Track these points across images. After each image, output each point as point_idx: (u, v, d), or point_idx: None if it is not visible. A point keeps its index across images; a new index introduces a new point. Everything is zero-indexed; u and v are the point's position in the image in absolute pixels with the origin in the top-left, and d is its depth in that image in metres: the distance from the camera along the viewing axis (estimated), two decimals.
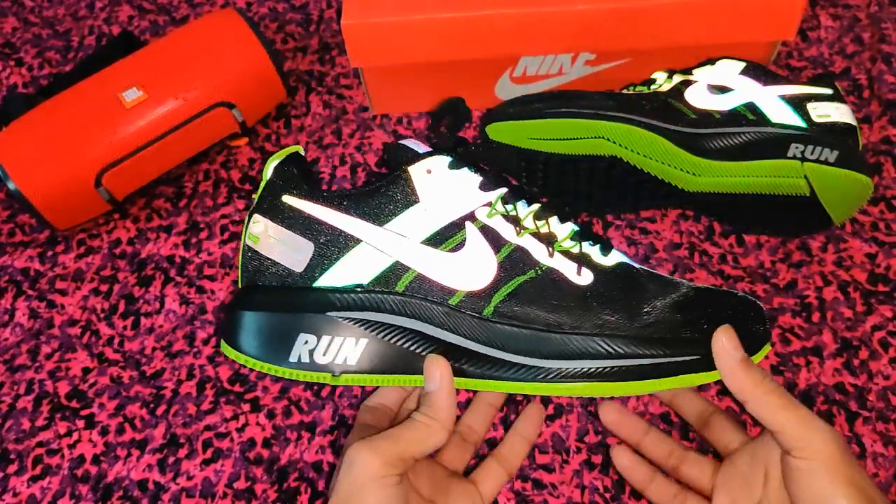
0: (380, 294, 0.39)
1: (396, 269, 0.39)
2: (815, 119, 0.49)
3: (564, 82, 0.61)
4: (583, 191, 0.54)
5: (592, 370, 0.38)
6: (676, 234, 0.55)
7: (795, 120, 0.49)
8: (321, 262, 0.39)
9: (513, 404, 0.48)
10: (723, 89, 0.51)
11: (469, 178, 0.42)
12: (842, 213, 0.51)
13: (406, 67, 0.59)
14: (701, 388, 0.47)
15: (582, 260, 0.41)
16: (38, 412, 0.51)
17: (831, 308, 0.51)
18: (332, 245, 0.40)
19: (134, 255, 0.57)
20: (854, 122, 0.49)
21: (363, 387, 0.50)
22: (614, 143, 0.50)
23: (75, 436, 0.50)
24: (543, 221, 0.42)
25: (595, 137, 0.50)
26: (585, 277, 0.40)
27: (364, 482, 0.35)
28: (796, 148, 0.48)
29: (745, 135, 0.49)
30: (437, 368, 0.38)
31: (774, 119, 0.49)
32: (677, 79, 0.52)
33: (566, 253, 0.41)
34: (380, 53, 0.57)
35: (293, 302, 0.40)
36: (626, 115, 0.49)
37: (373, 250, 0.39)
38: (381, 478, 0.35)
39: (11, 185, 0.52)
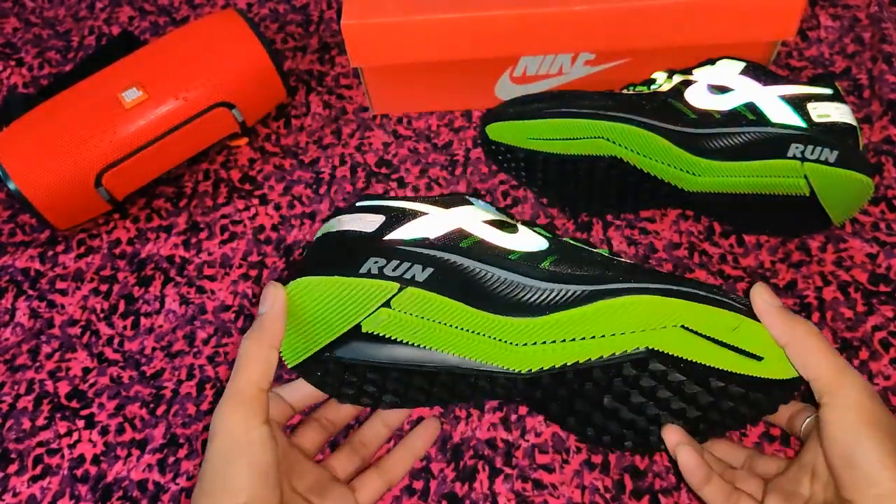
0: (445, 244, 0.41)
1: (461, 232, 0.41)
2: (816, 119, 0.48)
3: (564, 82, 0.61)
4: (583, 191, 0.54)
5: (652, 287, 0.38)
6: (676, 234, 0.55)
7: (795, 120, 0.49)
8: (390, 224, 0.42)
9: (512, 405, 0.48)
10: (723, 89, 0.51)
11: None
12: (842, 213, 0.51)
13: (406, 67, 0.59)
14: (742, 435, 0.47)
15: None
16: (39, 412, 0.51)
17: (831, 308, 0.51)
18: (400, 215, 0.42)
19: (134, 255, 0.57)
20: (854, 122, 0.49)
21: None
22: (614, 143, 0.50)
23: (75, 436, 0.50)
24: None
25: (595, 137, 0.50)
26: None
27: (237, 440, 0.34)
28: (796, 148, 0.48)
29: (745, 135, 0.49)
30: (271, 293, 0.38)
31: (774, 119, 0.49)
32: (677, 79, 0.52)
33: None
34: (380, 53, 0.57)
35: (365, 244, 0.41)
36: (626, 115, 0.49)
37: (438, 219, 0.42)
38: (249, 430, 0.34)
39: (12, 185, 0.52)
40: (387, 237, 0.41)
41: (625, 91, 0.54)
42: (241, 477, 0.34)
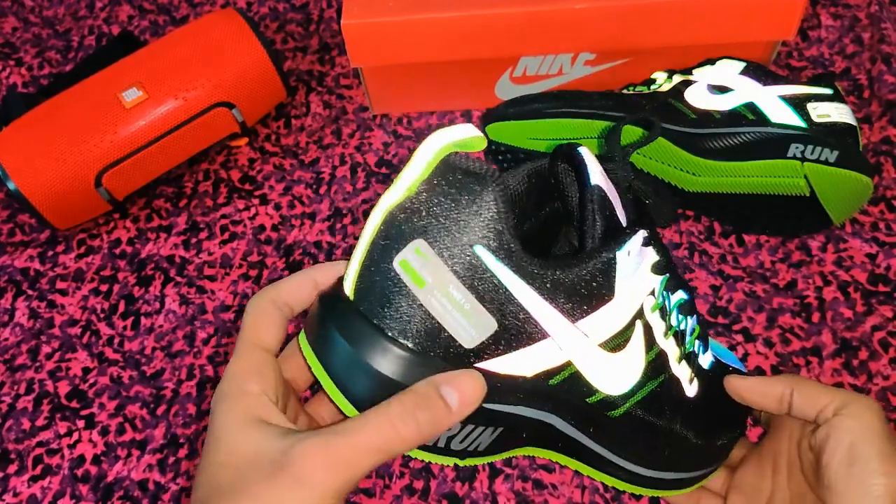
0: (533, 385, 0.33)
1: (561, 367, 0.33)
2: (815, 119, 0.49)
3: (564, 82, 0.61)
4: None
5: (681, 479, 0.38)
6: (676, 234, 0.55)
7: (795, 120, 0.49)
8: (497, 346, 0.31)
9: None
10: (723, 89, 0.51)
11: (648, 257, 0.35)
12: (842, 213, 0.51)
13: (406, 67, 0.59)
14: None
15: (692, 365, 0.37)
16: (39, 412, 0.51)
17: (831, 308, 0.51)
18: (517, 333, 0.31)
19: (134, 255, 0.57)
20: (854, 123, 0.49)
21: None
22: None
23: (75, 436, 0.50)
24: (684, 316, 0.36)
25: (595, 137, 0.50)
26: (693, 388, 0.37)
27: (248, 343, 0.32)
28: (796, 148, 0.48)
29: (745, 135, 0.49)
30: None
31: (774, 119, 0.49)
32: (677, 79, 0.52)
33: (686, 356, 0.36)
34: (380, 53, 0.57)
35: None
36: (626, 116, 0.49)
37: (554, 348, 0.32)
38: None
39: (11, 185, 0.52)
40: (481, 364, 0.31)
41: (625, 91, 0.54)
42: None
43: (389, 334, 0.29)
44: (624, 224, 0.33)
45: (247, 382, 0.30)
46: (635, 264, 0.33)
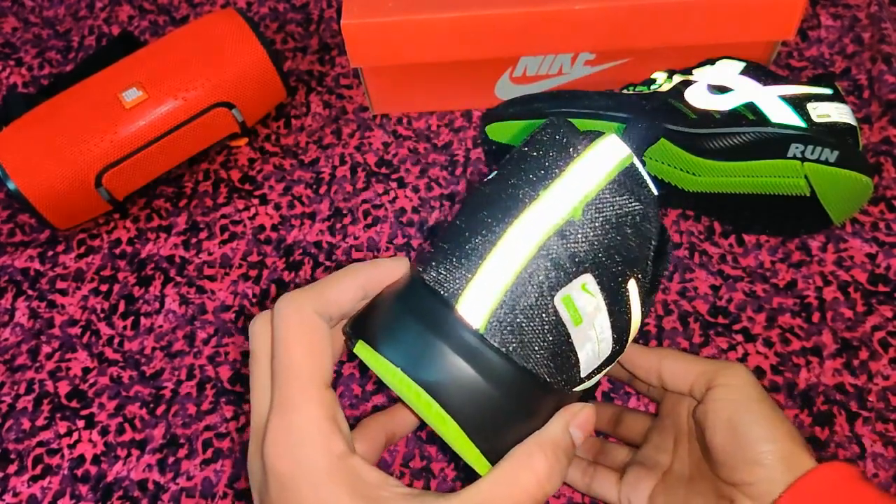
0: None
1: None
2: (816, 119, 0.49)
3: (564, 82, 0.61)
4: None
5: None
6: (676, 234, 0.55)
7: (795, 120, 0.49)
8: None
9: None
10: (723, 89, 0.51)
11: None
12: (842, 213, 0.51)
13: (406, 67, 0.59)
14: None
15: None
16: (39, 412, 0.51)
17: (831, 308, 0.51)
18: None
19: (134, 255, 0.57)
20: (854, 123, 0.49)
21: (363, 387, 0.50)
22: None
23: (75, 436, 0.50)
24: None
25: None
26: None
27: (288, 323, 0.26)
28: (796, 148, 0.48)
29: (745, 135, 0.49)
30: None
31: (774, 119, 0.49)
32: (677, 79, 0.52)
33: None
34: (380, 53, 0.57)
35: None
36: (626, 116, 0.49)
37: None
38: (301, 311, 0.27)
39: (11, 185, 0.52)
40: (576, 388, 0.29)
41: (625, 91, 0.54)
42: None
43: (528, 367, 0.26)
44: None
45: (333, 441, 0.25)
46: None
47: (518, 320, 0.26)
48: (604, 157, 0.26)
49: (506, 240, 0.26)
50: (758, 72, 0.51)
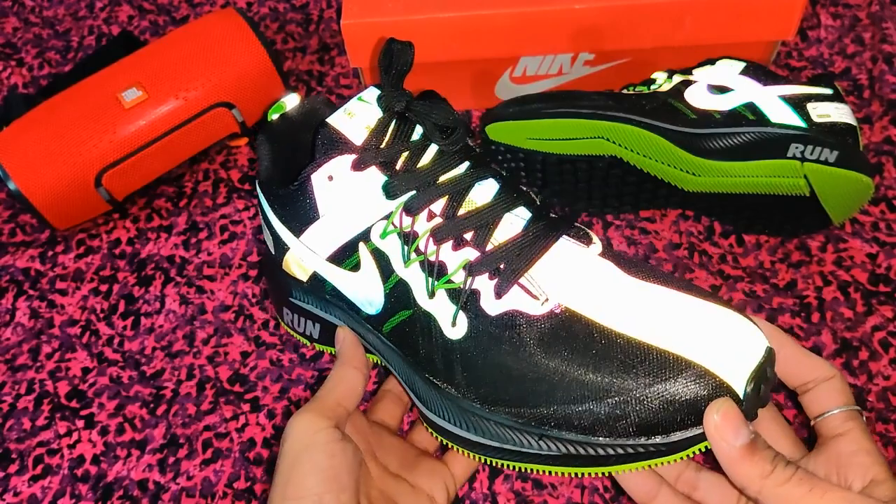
0: (315, 294, 0.41)
1: (318, 279, 0.40)
2: (815, 119, 0.48)
3: (564, 82, 0.61)
4: (582, 191, 0.54)
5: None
6: (676, 234, 0.55)
7: (795, 120, 0.49)
8: (277, 253, 0.41)
9: None
10: (723, 89, 0.51)
11: (374, 180, 0.35)
12: (842, 213, 0.51)
13: None
14: None
15: (466, 303, 0.33)
16: (39, 412, 0.51)
17: (831, 308, 0.51)
18: (277, 244, 0.41)
19: (134, 255, 0.58)
20: (854, 123, 0.49)
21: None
22: (614, 143, 0.50)
23: (75, 436, 0.50)
24: (438, 246, 0.34)
25: (595, 137, 0.50)
26: (459, 329, 0.34)
27: (303, 442, 0.34)
28: (796, 148, 0.48)
29: (745, 135, 0.49)
30: (341, 332, 0.41)
31: (774, 119, 0.49)
32: (677, 79, 0.52)
33: (452, 292, 0.34)
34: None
35: (276, 278, 0.43)
36: (626, 115, 0.49)
37: (298, 259, 0.40)
38: (316, 431, 0.34)
39: (12, 185, 0.52)
40: (283, 267, 0.43)
41: (625, 91, 0.54)
42: (307, 478, 0.33)
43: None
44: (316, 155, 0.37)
45: None
46: (348, 188, 0.36)
47: None
48: None
49: None
50: (758, 72, 0.51)
